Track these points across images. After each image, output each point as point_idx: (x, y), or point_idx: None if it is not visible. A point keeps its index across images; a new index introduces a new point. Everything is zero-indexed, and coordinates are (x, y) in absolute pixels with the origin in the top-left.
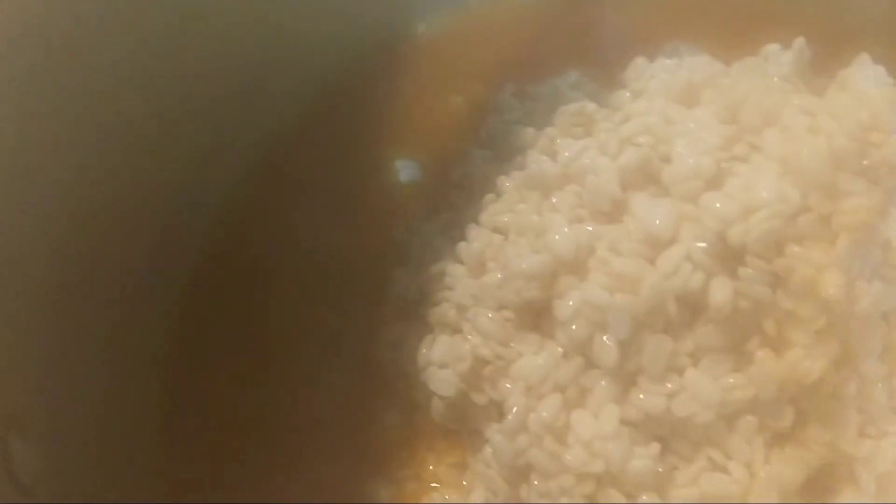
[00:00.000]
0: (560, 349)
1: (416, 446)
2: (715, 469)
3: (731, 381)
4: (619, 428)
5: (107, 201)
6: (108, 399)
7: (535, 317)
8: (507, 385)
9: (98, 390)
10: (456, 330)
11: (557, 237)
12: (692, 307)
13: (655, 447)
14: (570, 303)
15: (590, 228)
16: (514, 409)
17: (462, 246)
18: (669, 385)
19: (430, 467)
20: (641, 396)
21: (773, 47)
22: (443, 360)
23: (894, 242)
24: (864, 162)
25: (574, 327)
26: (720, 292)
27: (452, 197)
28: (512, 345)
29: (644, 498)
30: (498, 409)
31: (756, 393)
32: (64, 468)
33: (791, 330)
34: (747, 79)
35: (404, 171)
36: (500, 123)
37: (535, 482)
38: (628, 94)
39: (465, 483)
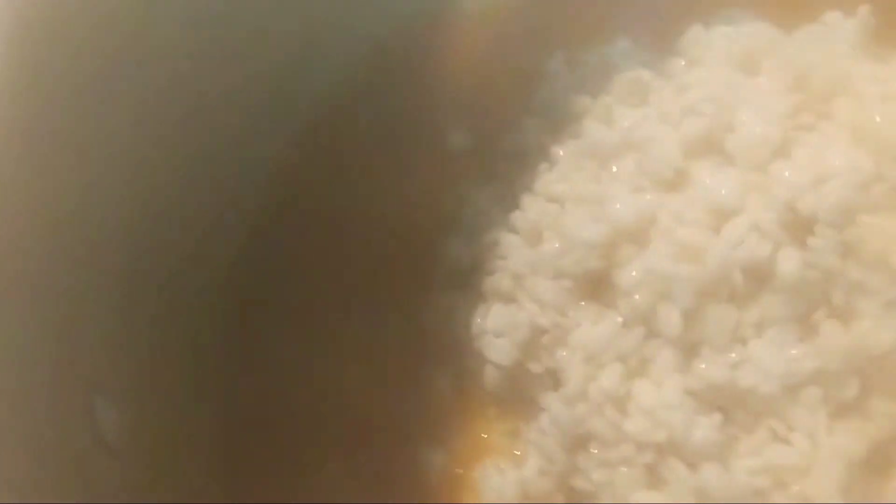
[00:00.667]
0: (619, 318)
1: (469, 414)
2: (777, 440)
3: (796, 352)
4: (682, 397)
5: (170, 171)
6: (177, 367)
7: (594, 286)
8: (565, 354)
9: (169, 360)
10: (510, 299)
11: (619, 206)
12: (758, 277)
13: (718, 417)
14: (634, 272)
15: (650, 197)
16: (574, 378)
17: (516, 215)
18: (733, 355)
19: (483, 435)
20: (703, 366)
21: (834, 15)
22: (499, 329)
23: None
24: None
25: (637, 297)
26: (788, 262)
27: (504, 166)
28: (570, 314)
29: (706, 467)
30: (553, 378)
31: (821, 364)
32: (147, 430)
33: (860, 301)
34: (813, 46)
35: (455, 140)
36: (552, 91)
37: (594, 451)
38: (683, 63)
39: (517, 452)
